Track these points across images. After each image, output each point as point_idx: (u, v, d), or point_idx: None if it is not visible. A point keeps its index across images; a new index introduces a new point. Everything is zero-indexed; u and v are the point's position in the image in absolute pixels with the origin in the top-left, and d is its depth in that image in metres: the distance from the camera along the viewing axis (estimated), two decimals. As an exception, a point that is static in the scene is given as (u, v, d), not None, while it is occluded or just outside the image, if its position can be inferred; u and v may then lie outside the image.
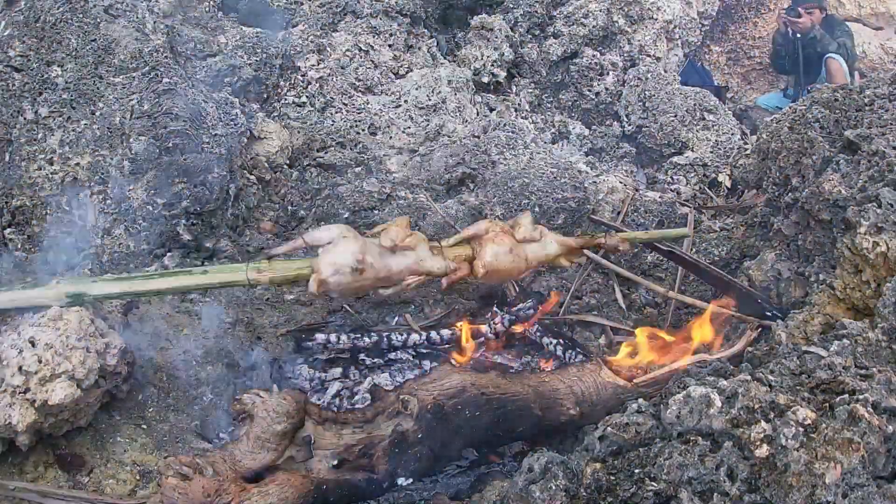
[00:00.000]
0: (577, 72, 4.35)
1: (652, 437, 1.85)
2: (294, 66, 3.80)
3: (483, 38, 4.28)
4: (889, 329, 2.00)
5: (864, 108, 2.73)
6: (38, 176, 2.95)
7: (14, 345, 2.15)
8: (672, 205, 3.50)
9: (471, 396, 2.11)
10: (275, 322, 2.88)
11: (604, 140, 4.27)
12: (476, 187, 3.48)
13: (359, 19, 4.00)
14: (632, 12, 4.43)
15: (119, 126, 2.97)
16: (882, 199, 2.26)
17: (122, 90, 3.00)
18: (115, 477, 2.25)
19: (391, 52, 4.00)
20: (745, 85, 5.71)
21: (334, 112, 3.77)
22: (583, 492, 1.75)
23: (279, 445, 1.94)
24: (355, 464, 1.98)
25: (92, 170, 2.96)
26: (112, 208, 2.96)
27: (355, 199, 3.43)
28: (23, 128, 2.95)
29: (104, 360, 2.26)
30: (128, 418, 2.40)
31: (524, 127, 3.79)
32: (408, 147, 3.77)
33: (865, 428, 1.63)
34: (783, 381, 1.86)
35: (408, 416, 2.02)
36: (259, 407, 1.95)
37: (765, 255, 2.87)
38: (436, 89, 3.92)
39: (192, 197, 3.01)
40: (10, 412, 2.09)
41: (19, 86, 2.96)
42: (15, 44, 3.00)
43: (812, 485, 1.56)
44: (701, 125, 4.14)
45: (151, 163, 2.95)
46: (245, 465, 1.89)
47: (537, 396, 2.24)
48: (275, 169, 3.54)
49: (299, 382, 2.60)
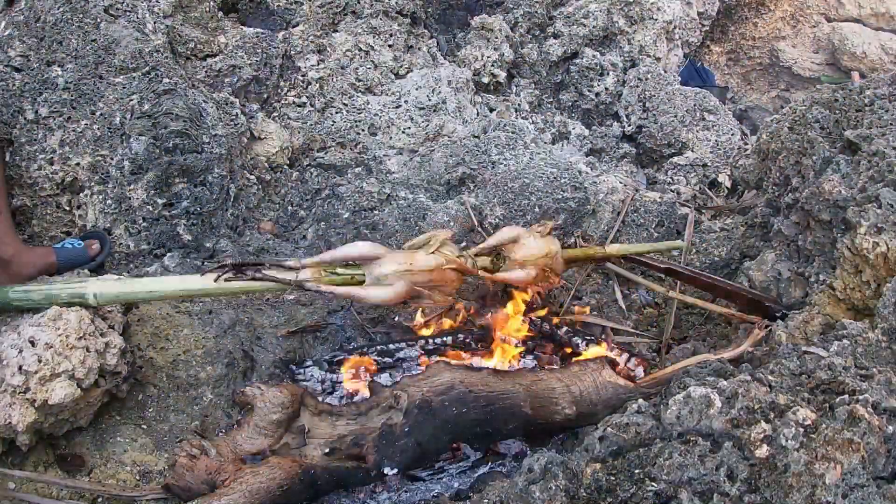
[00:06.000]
0: (577, 72, 4.35)
1: (652, 437, 1.85)
2: (294, 66, 3.80)
3: (483, 38, 4.28)
4: (889, 329, 2.00)
5: (864, 109, 2.73)
6: (38, 176, 2.95)
7: (14, 344, 2.15)
8: (672, 205, 3.50)
9: (458, 393, 2.21)
10: (275, 322, 2.87)
11: (604, 140, 4.27)
12: (476, 187, 3.48)
13: (359, 19, 4.00)
14: (632, 12, 4.43)
15: (119, 126, 2.97)
16: (882, 200, 2.26)
17: (122, 90, 3.00)
18: (115, 477, 2.25)
19: (391, 53, 4.00)
20: (745, 85, 5.72)
21: (334, 112, 3.77)
22: (583, 492, 1.75)
23: (275, 433, 2.13)
24: (346, 452, 2.15)
25: (92, 170, 2.96)
26: (112, 208, 2.96)
27: (355, 200, 3.43)
28: (23, 128, 2.95)
29: (104, 360, 2.26)
30: (128, 418, 2.41)
31: (524, 127, 3.79)
32: (408, 147, 3.77)
33: (865, 428, 1.63)
34: (783, 382, 1.86)
35: (398, 410, 2.16)
36: (258, 398, 2.15)
37: (765, 256, 2.87)
38: (436, 90, 3.92)
39: (192, 197, 3.01)
40: (10, 412, 2.09)
41: (19, 86, 2.96)
42: (15, 44, 3.00)
43: (812, 485, 1.56)
44: (701, 125, 4.15)
45: (151, 163, 2.95)
46: (244, 448, 2.10)
47: (529, 395, 2.27)
48: (275, 169, 3.54)
49: (310, 385, 2.60)
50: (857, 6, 5.67)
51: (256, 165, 3.45)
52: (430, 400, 2.19)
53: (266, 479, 2.01)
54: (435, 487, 2.32)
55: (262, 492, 1.99)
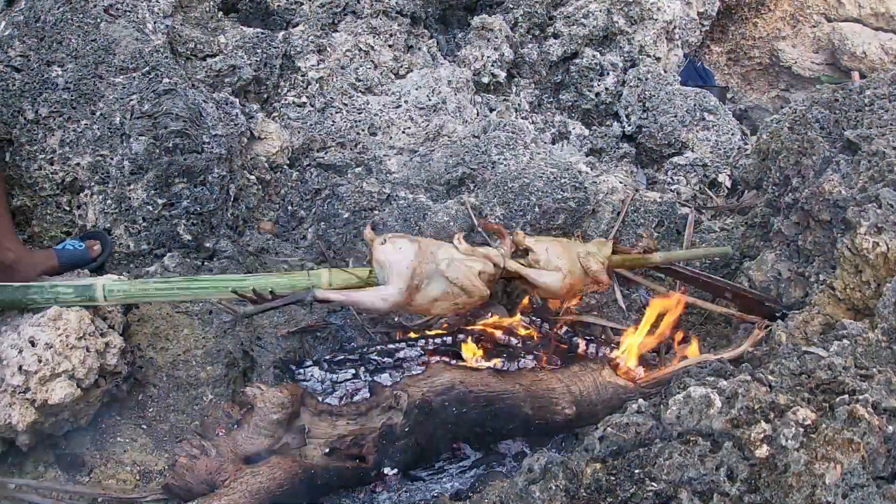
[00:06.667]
0: (577, 72, 4.35)
1: (652, 437, 1.85)
2: (294, 66, 3.80)
3: (483, 38, 4.27)
4: (889, 329, 2.00)
5: (864, 109, 2.73)
6: (38, 176, 2.95)
7: (14, 344, 2.15)
8: (672, 205, 3.50)
9: (458, 393, 2.22)
10: (275, 322, 2.87)
11: (604, 140, 4.27)
12: (476, 187, 3.48)
13: (359, 19, 3.99)
14: (632, 12, 4.43)
15: (119, 126, 2.97)
16: (882, 200, 2.26)
17: (122, 90, 3.00)
18: (115, 477, 2.25)
19: (391, 53, 4.00)
20: (745, 85, 5.71)
21: (334, 112, 3.77)
22: (583, 492, 1.75)
23: (275, 432, 2.14)
24: (346, 453, 2.15)
25: (92, 170, 2.97)
26: (112, 208, 2.96)
27: (355, 200, 3.43)
28: (23, 128, 2.95)
29: (104, 360, 2.26)
30: (128, 418, 2.41)
31: (524, 127, 3.79)
32: (408, 147, 3.77)
33: (865, 428, 1.63)
34: (783, 382, 1.86)
35: (398, 410, 2.17)
36: (258, 398, 2.15)
37: (765, 256, 2.87)
38: (436, 89, 3.92)
39: (192, 197, 3.01)
40: (10, 412, 2.09)
41: (19, 86, 2.96)
42: (15, 44, 3.00)
43: (812, 485, 1.56)
44: (701, 125, 4.14)
45: (151, 163, 2.95)
46: (245, 448, 2.10)
47: (529, 395, 2.28)
48: (275, 169, 3.54)
49: (310, 385, 2.60)
50: (857, 6, 5.67)
51: (256, 165, 3.45)
52: (430, 400, 2.19)
53: (266, 479, 2.02)
54: (435, 487, 2.32)
55: (262, 492, 2.00)
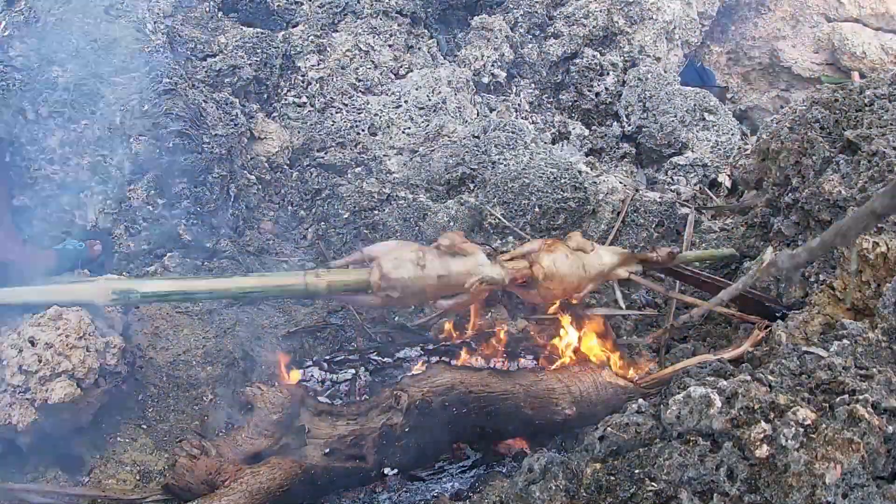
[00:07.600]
0: (577, 72, 4.35)
1: (652, 437, 1.85)
2: (294, 66, 3.79)
3: (483, 38, 4.27)
4: (889, 329, 2.00)
5: (864, 109, 2.73)
6: (38, 176, 2.95)
7: (14, 344, 2.15)
8: (672, 205, 3.50)
9: (458, 394, 2.23)
10: (275, 322, 2.87)
11: (604, 140, 4.27)
12: (476, 187, 3.48)
13: (359, 19, 3.99)
14: (632, 13, 4.43)
15: (119, 126, 2.97)
16: (882, 200, 2.26)
17: (122, 90, 3.00)
18: (115, 477, 2.25)
19: (391, 53, 4.00)
20: (745, 85, 5.71)
21: (334, 112, 3.77)
22: (583, 492, 1.75)
23: (274, 433, 2.16)
24: (346, 453, 2.16)
25: (92, 170, 2.97)
26: (112, 208, 2.96)
27: (355, 200, 3.43)
28: (23, 128, 2.95)
29: (104, 360, 2.26)
30: (128, 418, 2.41)
31: (524, 127, 3.79)
32: (408, 147, 3.77)
33: (865, 428, 1.63)
34: (783, 382, 1.86)
35: (398, 410, 2.18)
36: (259, 399, 2.17)
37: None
38: (436, 89, 3.92)
39: (192, 197, 3.01)
40: (10, 412, 2.09)
41: (19, 86, 2.96)
42: (15, 44, 3.00)
43: (812, 485, 1.56)
44: (701, 125, 4.14)
45: (151, 163, 2.95)
46: (245, 449, 2.12)
47: (528, 395, 2.27)
48: (275, 169, 3.54)
49: (311, 385, 2.60)
50: (857, 6, 5.67)
51: (256, 165, 3.45)
52: (430, 400, 2.20)
53: (266, 479, 2.02)
54: (435, 487, 2.32)
55: (262, 492, 2.00)
